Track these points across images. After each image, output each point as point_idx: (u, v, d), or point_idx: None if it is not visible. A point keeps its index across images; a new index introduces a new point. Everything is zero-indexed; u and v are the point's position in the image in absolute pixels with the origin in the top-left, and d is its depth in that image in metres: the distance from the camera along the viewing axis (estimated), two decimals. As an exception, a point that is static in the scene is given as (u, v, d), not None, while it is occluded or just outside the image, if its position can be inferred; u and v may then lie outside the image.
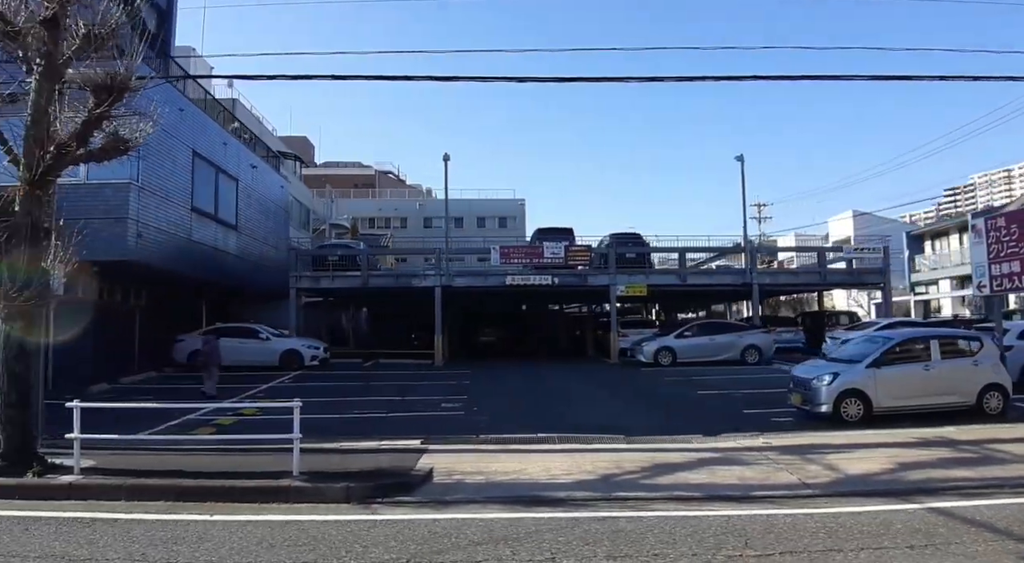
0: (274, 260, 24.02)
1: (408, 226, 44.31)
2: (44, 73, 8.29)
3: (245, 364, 18.47)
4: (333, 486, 7.48)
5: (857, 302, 36.91)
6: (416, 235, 40.89)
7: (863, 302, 36.39)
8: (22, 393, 8.07)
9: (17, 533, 6.05)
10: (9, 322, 8.04)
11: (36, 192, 8.21)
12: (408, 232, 42.61)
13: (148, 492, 7.40)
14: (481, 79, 10.54)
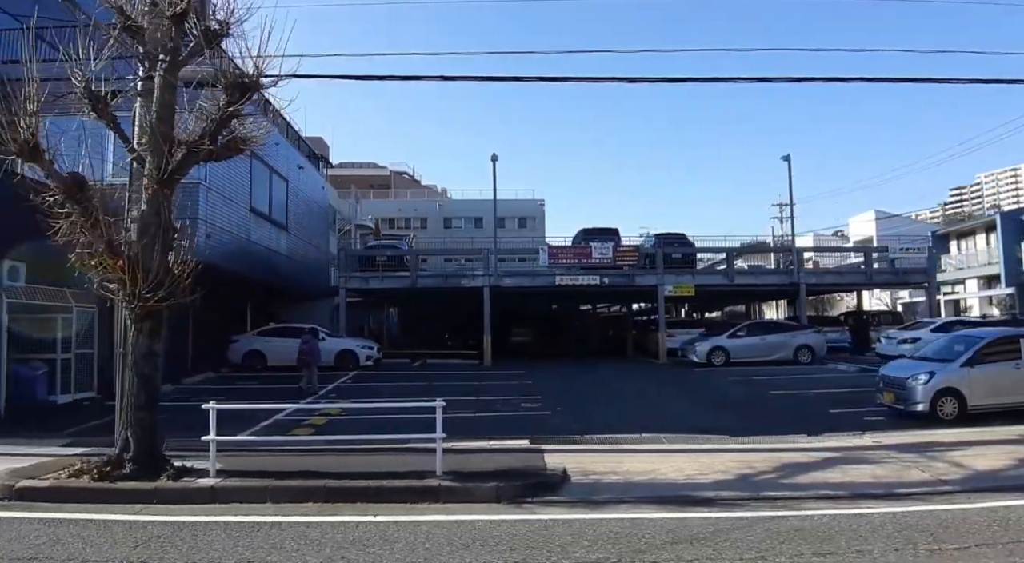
0: (315, 260, 23.94)
1: (428, 227, 44.25)
2: (169, 69, 8.23)
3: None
4: (482, 486, 7.43)
5: (881, 301, 37.12)
6: (436, 236, 40.81)
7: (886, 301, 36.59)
8: (151, 395, 7.97)
9: (193, 539, 5.89)
10: (139, 323, 7.95)
11: (165, 190, 8.12)
12: (428, 233, 42.50)
13: (293, 494, 7.30)
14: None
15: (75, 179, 8.04)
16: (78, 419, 12.27)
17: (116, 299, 8.09)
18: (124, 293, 7.81)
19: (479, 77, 9.75)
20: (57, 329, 13.65)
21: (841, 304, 37.51)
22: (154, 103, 8.18)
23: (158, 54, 8.11)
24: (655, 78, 11.05)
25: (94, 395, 14.50)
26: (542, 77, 10.18)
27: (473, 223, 42.14)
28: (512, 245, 33.56)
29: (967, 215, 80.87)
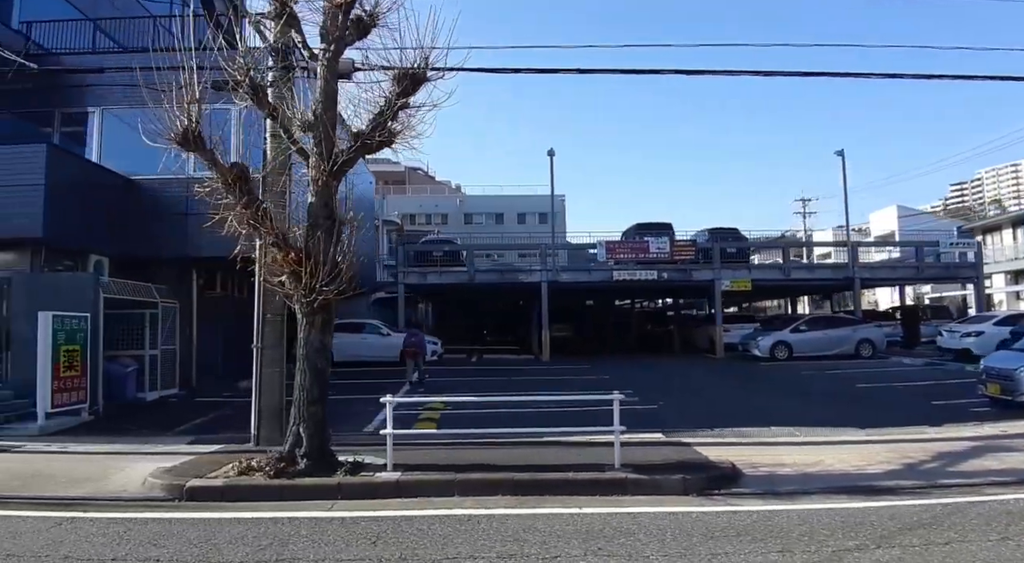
0: (367, 255, 23.77)
1: (448, 222, 44.11)
2: (332, 58, 8.11)
3: (366, 359, 18.25)
4: (670, 478, 7.42)
5: (921, 296, 37.46)
6: (457, 232, 40.60)
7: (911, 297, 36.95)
8: (322, 389, 7.87)
9: (420, 534, 5.82)
10: (311, 317, 7.84)
11: (333, 182, 8.02)
12: (449, 228, 42.31)
13: (480, 487, 7.24)
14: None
15: (238, 170, 7.92)
16: (180, 416, 12.10)
17: (283, 293, 7.97)
18: (296, 287, 7.70)
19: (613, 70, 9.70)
20: (145, 325, 13.45)
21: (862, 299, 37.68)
22: (318, 93, 8.07)
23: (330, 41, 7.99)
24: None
25: (177, 392, 14.31)
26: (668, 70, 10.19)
27: (493, 219, 42.12)
28: (564, 240, 33.35)
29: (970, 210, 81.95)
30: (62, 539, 5.74)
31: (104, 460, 8.77)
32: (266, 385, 9.39)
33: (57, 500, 7.08)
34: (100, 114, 14.77)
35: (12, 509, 6.73)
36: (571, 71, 9.45)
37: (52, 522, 6.25)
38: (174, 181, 14.78)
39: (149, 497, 7.29)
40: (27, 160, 12.04)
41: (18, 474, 8.03)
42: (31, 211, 11.87)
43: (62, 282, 12.00)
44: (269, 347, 9.46)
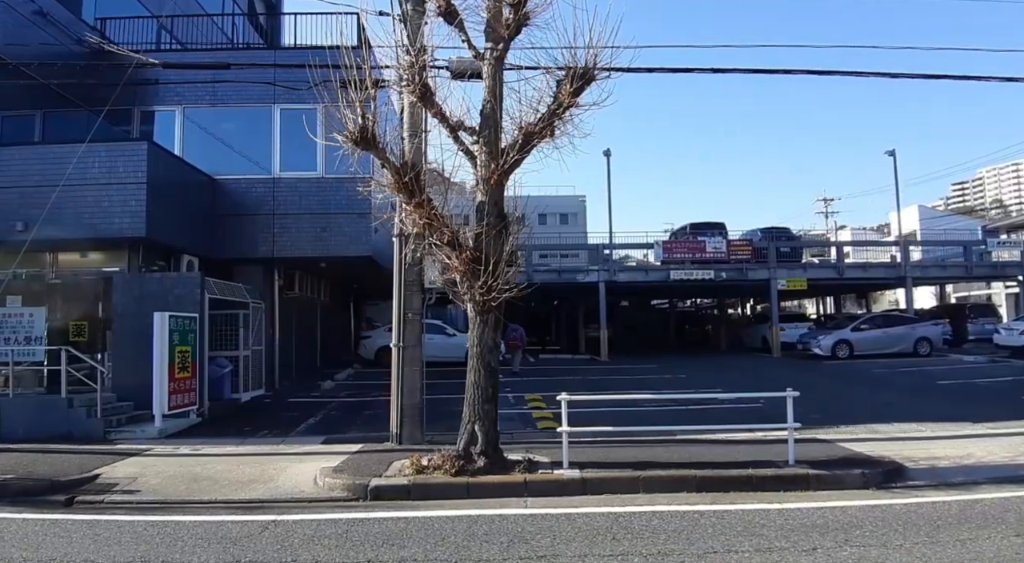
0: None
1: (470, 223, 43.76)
2: (499, 57, 8.11)
3: (432, 360, 18.11)
4: (850, 473, 7.50)
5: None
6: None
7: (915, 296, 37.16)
8: (495, 387, 7.90)
9: (643, 531, 5.83)
10: (483, 315, 7.85)
11: (502, 181, 8.02)
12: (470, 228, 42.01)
13: (665, 484, 7.28)
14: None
15: (407, 167, 7.90)
16: (285, 417, 12.03)
17: (453, 292, 7.97)
18: (470, 286, 7.71)
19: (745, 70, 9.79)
20: (239, 326, 13.35)
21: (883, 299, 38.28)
22: (485, 92, 8.07)
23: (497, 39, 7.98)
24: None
25: (264, 393, 14.21)
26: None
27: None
28: (622, 241, 33.22)
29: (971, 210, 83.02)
30: (288, 542, 5.68)
31: (254, 462, 8.70)
32: (407, 384, 9.37)
33: (242, 503, 7.04)
34: (181, 113, 14.64)
35: (198, 514, 6.67)
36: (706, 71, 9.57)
37: (257, 525, 6.19)
38: (258, 181, 14.78)
39: (332, 497, 7.26)
40: (129, 158, 11.94)
41: (179, 478, 7.94)
42: (134, 210, 11.77)
43: (168, 282, 11.87)
44: (410, 346, 9.44)
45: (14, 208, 11.74)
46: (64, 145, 12.20)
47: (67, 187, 11.69)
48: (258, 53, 14.78)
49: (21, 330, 12.19)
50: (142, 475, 8.04)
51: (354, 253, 14.54)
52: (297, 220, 14.50)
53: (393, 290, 9.71)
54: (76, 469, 8.24)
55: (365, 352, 19.16)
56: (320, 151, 14.70)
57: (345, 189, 14.67)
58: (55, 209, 11.64)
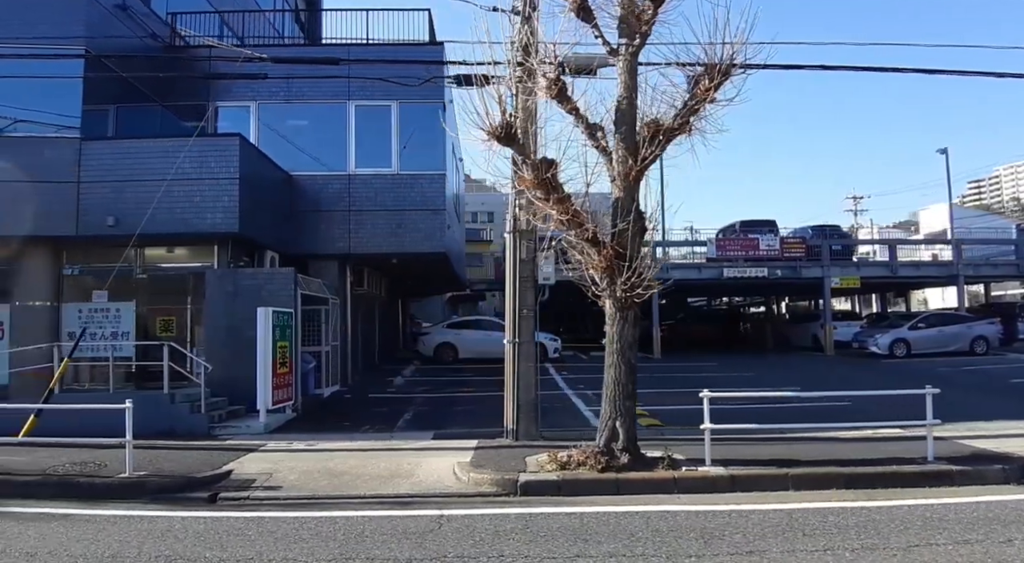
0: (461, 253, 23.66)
1: (495, 220, 44.12)
2: (635, 53, 8.09)
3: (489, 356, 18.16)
4: (991, 468, 7.54)
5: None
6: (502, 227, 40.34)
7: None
8: (635, 384, 7.88)
9: (840, 526, 5.86)
10: (624, 312, 7.83)
11: (640, 178, 8.01)
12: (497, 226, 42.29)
13: (813, 481, 7.25)
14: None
15: (547, 164, 7.88)
16: (377, 413, 12.08)
17: (592, 289, 7.96)
18: (612, 283, 7.70)
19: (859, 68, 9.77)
20: (322, 321, 13.34)
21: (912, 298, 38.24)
22: (620, 88, 8.05)
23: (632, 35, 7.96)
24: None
25: (340, 388, 14.22)
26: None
27: (540, 217, 42.01)
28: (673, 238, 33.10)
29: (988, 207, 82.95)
30: (474, 536, 5.68)
31: (379, 457, 8.69)
32: (522, 380, 9.35)
33: (395, 498, 7.04)
34: (256, 108, 14.62)
35: (357, 509, 6.63)
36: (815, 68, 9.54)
37: (430, 520, 6.18)
38: (333, 178, 14.76)
39: (481, 492, 7.26)
40: (221, 152, 11.90)
41: (315, 473, 7.93)
42: (227, 205, 11.74)
43: (262, 278, 11.88)
44: (525, 342, 9.43)
45: (105, 203, 11.71)
46: (155, 140, 12.20)
47: (159, 182, 11.70)
48: (333, 48, 14.71)
49: (108, 325, 12.21)
50: (275, 471, 8.03)
51: (429, 249, 14.53)
52: (373, 217, 14.48)
53: (506, 286, 9.70)
54: (200, 465, 8.20)
55: (424, 348, 19.20)
56: (395, 147, 14.72)
57: (420, 185, 14.69)
58: (146, 204, 11.65)
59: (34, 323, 12.03)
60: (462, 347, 19.81)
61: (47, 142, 11.83)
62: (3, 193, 11.63)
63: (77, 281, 12.66)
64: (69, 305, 12.32)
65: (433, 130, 14.65)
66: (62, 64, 11.57)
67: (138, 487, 7.41)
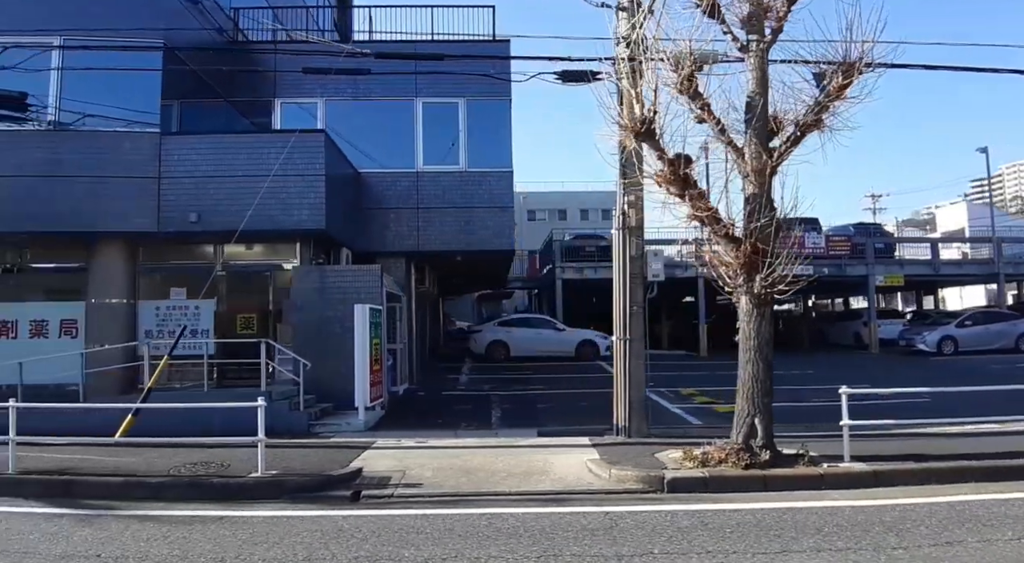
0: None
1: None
2: (765, 49, 8.07)
3: (540, 354, 18.19)
4: None
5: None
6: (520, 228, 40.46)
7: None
8: (771, 380, 7.87)
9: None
10: (761, 309, 7.82)
11: (774, 173, 7.99)
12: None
13: (948, 475, 7.27)
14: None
15: (684, 160, 7.85)
16: (461, 410, 12.09)
17: (726, 285, 7.94)
18: (749, 279, 7.69)
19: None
20: (396, 319, 13.26)
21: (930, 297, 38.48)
22: (753, 84, 8.03)
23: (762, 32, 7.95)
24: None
25: (409, 386, 14.14)
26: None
27: (557, 215, 42.11)
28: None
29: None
30: (665, 532, 5.66)
31: (499, 454, 8.66)
32: (634, 377, 9.33)
33: (544, 495, 7.04)
34: (323, 105, 14.50)
35: (511, 506, 6.59)
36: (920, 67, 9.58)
37: (604, 516, 6.18)
38: (402, 175, 14.67)
39: (628, 489, 7.25)
40: (306, 149, 11.77)
41: (448, 471, 7.89)
42: (313, 202, 11.63)
43: (349, 275, 11.80)
44: (636, 339, 9.40)
45: (186, 199, 11.58)
46: (237, 135, 12.12)
47: (242, 178, 11.63)
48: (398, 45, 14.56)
49: (186, 323, 12.08)
50: (406, 468, 7.96)
51: (498, 247, 14.48)
52: (441, 214, 14.40)
53: (614, 284, 9.67)
54: (323, 463, 8.12)
55: (475, 347, 19.18)
56: (463, 145, 14.65)
57: (487, 183, 14.62)
58: (228, 200, 11.56)
59: (110, 321, 11.88)
60: (514, 345, 19.82)
61: (126, 136, 11.66)
62: (80, 188, 11.49)
63: (153, 278, 12.52)
64: (145, 303, 12.19)
65: (500, 127, 14.62)
66: (137, 57, 11.44)
67: (276, 486, 7.29)
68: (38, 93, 11.71)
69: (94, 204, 11.43)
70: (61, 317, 12.08)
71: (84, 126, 11.76)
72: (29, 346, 11.92)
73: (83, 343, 11.89)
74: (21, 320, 12.07)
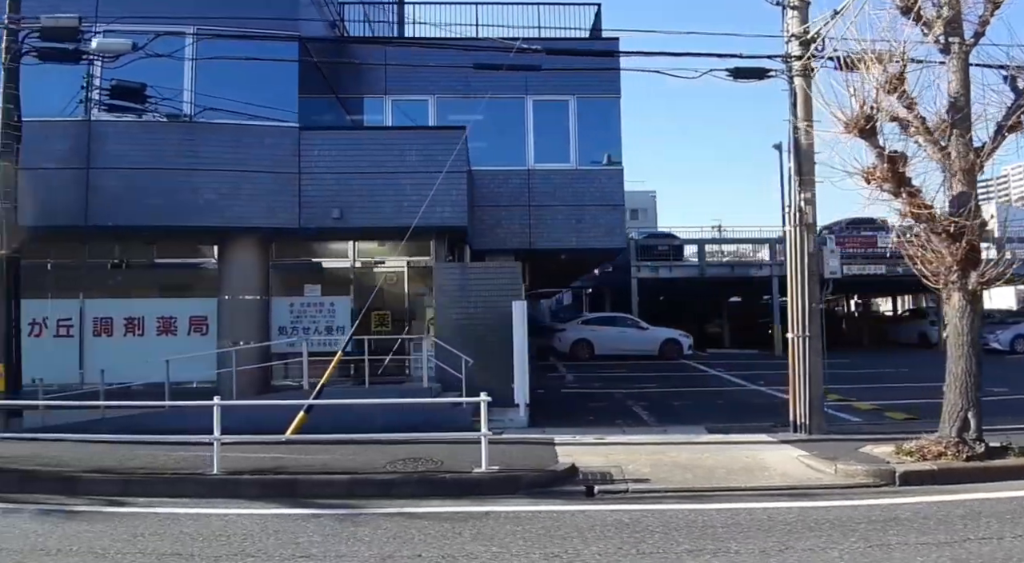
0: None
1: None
2: (967, 51, 8.16)
3: (624, 353, 18.23)
4: None
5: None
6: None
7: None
8: (981, 374, 7.97)
9: None
10: (974, 304, 7.93)
11: (980, 171, 8.09)
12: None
13: None
14: None
15: (902, 158, 7.93)
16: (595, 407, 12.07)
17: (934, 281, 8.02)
18: (961, 275, 7.79)
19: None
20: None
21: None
22: (955, 85, 8.09)
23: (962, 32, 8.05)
24: None
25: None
26: None
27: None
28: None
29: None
30: (949, 522, 5.75)
31: (695, 449, 8.74)
32: (813, 374, 9.39)
33: (777, 490, 7.09)
34: (434, 102, 14.45)
35: (752, 501, 6.65)
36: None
37: (862, 509, 6.22)
38: (513, 173, 14.65)
39: (860, 483, 7.31)
40: (448, 145, 11.65)
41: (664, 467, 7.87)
42: (455, 199, 11.60)
43: (490, 272, 11.80)
44: (814, 336, 9.47)
45: (328, 194, 11.50)
46: (377, 130, 12.06)
47: (382, 174, 11.59)
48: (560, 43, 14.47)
49: (321, 320, 12.02)
50: (618, 464, 7.92)
51: (609, 245, 14.53)
52: (552, 212, 14.41)
53: (788, 281, 9.73)
54: (525, 460, 8.04)
55: (560, 345, 19.25)
56: (573, 142, 14.67)
57: (599, 180, 14.66)
58: (370, 196, 11.51)
59: (242, 318, 11.77)
60: (598, 344, 19.88)
61: (267, 131, 11.54)
62: (219, 182, 11.38)
63: (285, 273, 12.42)
64: (279, 299, 12.10)
65: (609, 124, 14.65)
66: (269, 48, 11.24)
67: (511, 482, 7.28)
68: (173, 85, 11.50)
69: (234, 199, 11.33)
70: (190, 314, 11.98)
71: (218, 119, 11.61)
72: (157, 343, 11.82)
73: (214, 340, 11.80)
74: (148, 317, 11.95)
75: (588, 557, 5.05)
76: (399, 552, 5.21)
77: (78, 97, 11.43)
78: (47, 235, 10.73)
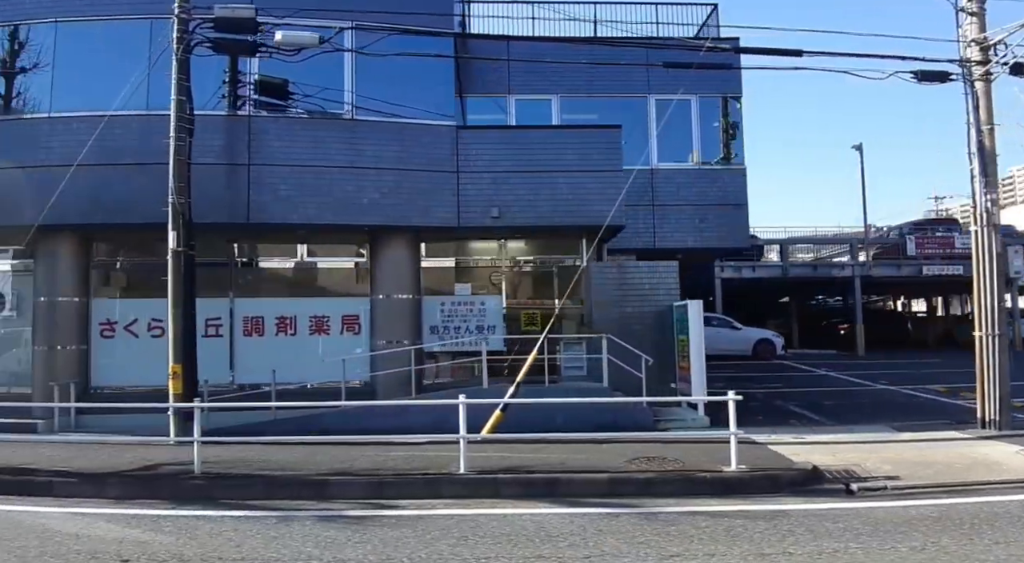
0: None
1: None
2: None
3: (721, 353, 18.21)
4: None
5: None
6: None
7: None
8: None
9: None
10: None
11: None
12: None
13: None
14: None
15: None
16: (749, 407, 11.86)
17: None
18: None
19: None
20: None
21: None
22: None
23: None
24: None
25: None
26: None
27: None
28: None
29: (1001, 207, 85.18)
30: None
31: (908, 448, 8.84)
32: (1002, 371, 9.53)
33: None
34: (558, 101, 14.43)
35: (1006, 494, 6.73)
36: None
37: None
38: (637, 172, 14.57)
39: None
40: (605, 144, 11.77)
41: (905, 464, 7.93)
42: (611, 198, 11.47)
43: (645, 271, 11.89)
44: (1003, 334, 9.62)
45: (486, 193, 11.48)
46: (534, 129, 12.03)
47: (537, 172, 11.59)
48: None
49: (472, 319, 12.00)
50: (855, 462, 7.99)
51: (732, 245, 14.62)
52: (676, 211, 14.48)
53: (974, 280, 9.88)
54: (754, 459, 7.96)
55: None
56: (696, 142, 14.73)
57: (721, 180, 14.73)
58: (526, 194, 11.50)
59: (395, 317, 11.71)
60: (694, 344, 19.47)
61: (427, 129, 11.48)
62: (380, 180, 11.29)
63: (431, 272, 12.36)
64: (430, 298, 12.05)
65: (732, 124, 14.73)
66: (424, 44, 11.07)
67: (770, 481, 7.34)
68: (330, 83, 11.38)
69: (395, 197, 11.27)
70: (342, 313, 11.91)
71: (375, 117, 11.48)
72: (309, 343, 11.77)
73: (366, 339, 11.75)
74: (300, 316, 11.85)
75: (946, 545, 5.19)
76: (763, 551, 5.17)
77: (234, 92, 11.32)
78: (206, 232, 10.62)
